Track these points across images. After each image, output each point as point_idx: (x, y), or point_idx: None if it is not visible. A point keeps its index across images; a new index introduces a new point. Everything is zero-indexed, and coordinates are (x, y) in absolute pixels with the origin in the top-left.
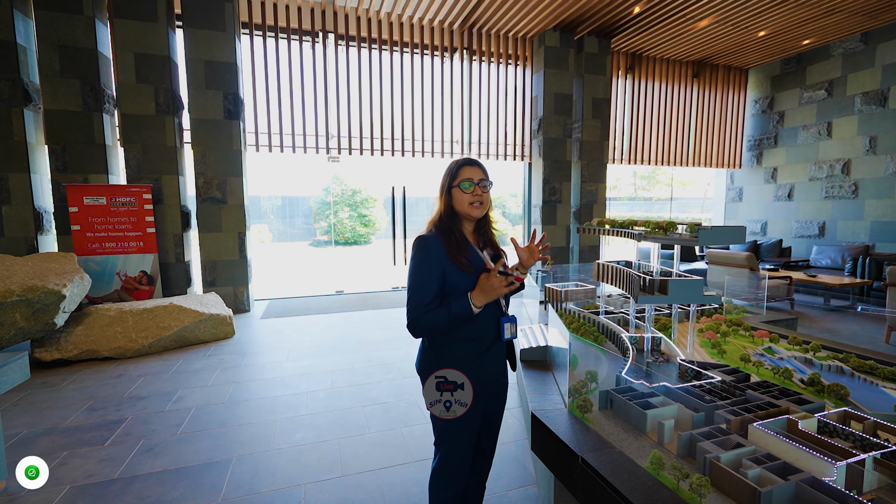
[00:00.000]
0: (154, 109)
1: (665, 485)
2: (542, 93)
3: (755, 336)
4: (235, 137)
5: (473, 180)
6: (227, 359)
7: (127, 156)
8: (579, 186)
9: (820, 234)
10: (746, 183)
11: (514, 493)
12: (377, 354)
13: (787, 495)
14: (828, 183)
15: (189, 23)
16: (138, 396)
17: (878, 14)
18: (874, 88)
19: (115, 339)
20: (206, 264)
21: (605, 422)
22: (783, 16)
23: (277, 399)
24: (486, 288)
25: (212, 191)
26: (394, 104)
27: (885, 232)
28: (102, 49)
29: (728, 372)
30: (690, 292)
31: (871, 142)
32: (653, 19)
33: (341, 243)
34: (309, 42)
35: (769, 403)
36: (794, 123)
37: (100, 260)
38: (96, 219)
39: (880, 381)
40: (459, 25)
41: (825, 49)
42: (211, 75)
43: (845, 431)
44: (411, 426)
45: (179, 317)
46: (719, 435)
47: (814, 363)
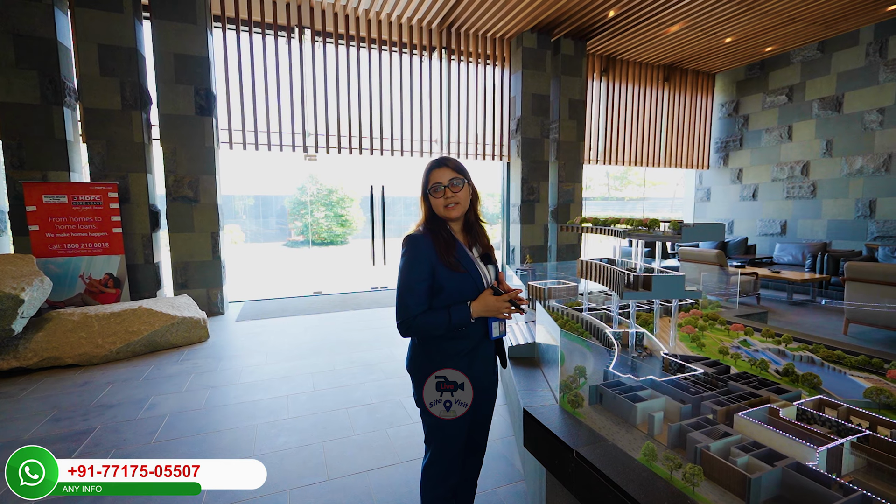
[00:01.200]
0: (120, 104)
1: (659, 475)
2: (521, 93)
3: (731, 329)
4: (208, 134)
5: (443, 183)
6: (202, 363)
7: (90, 152)
8: (556, 186)
9: (782, 232)
10: (714, 183)
11: (502, 490)
12: (359, 355)
13: (774, 480)
14: (789, 184)
15: (157, 14)
16: (107, 405)
17: (834, 24)
18: (830, 94)
19: (79, 345)
20: (177, 266)
21: (595, 416)
22: (748, 23)
23: (257, 403)
24: (489, 306)
25: (183, 189)
26: (372, 103)
27: (841, 230)
28: (62, 39)
29: (709, 364)
30: (673, 288)
31: (827, 145)
32: (626, 23)
33: (318, 243)
34: (285, 37)
35: (751, 393)
36: (758, 126)
37: (61, 262)
38: (57, 218)
39: (847, 370)
40: (438, 25)
41: (786, 56)
42: (181, 69)
43: (822, 418)
44: (397, 427)
45: (150, 320)
46: (707, 425)
47: (786, 354)
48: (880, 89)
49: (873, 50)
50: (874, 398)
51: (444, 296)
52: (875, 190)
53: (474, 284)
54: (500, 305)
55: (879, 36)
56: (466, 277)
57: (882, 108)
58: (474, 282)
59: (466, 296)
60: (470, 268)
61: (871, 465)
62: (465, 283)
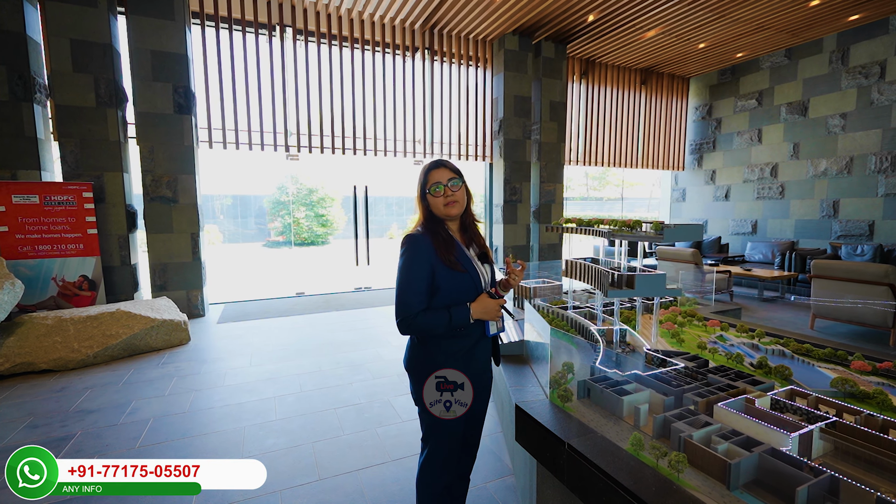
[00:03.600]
0: (94, 101)
1: (646, 464)
2: (503, 95)
3: (708, 325)
4: (187, 133)
5: (442, 182)
6: (184, 366)
7: (63, 151)
8: (538, 186)
9: (753, 231)
10: (689, 184)
11: (492, 485)
12: (345, 356)
13: (752, 465)
14: (759, 185)
15: (133, 9)
16: (86, 410)
17: (800, 32)
18: (797, 99)
19: (54, 350)
20: (155, 267)
21: (584, 409)
22: (720, 30)
23: (244, 406)
24: (488, 308)
25: (161, 189)
26: (355, 103)
27: (807, 229)
28: (32, 33)
29: (689, 359)
30: (655, 286)
31: (794, 148)
32: (605, 28)
33: (299, 244)
34: (266, 35)
35: (728, 385)
36: (730, 129)
37: (32, 264)
38: (28, 219)
39: (816, 362)
40: (421, 25)
41: (756, 62)
42: (159, 66)
43: (794, 407)
44: (386, 426)
45: (128, 323)
46: (689, 415)
47: (760, 348)
48: (842, 95)
49: (836, 58)
50: (840, 388)
51: (443, 295)
52: (838, 191)
53: (473, 284)
54: (496, 307)
55: (842, 44)
56: (466, 277)
57: (844, 113)
58: (473, 281)
59: (465, 295)
60: (469, 267)
61: (838, 449)
62: (465, 282)
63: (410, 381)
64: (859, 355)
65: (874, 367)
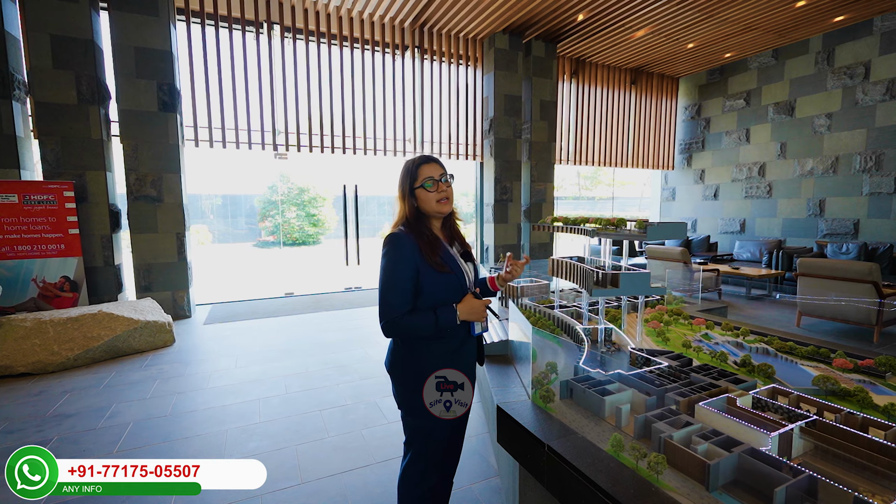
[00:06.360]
0: (76, 98)
1: (626, 465)
2: (493, 94)
3: (693, 324)
4: (172, 131)
5: (435, 177)
6: (167, 368)
7: (43, 149)
8: (529, 186)
9: (741, 230)
10: (679, 183)
11: (477, 486)
12: (333, 357)
13: (731, 465)
14: (747, 184)
15: (116, 5)
16: (64, 414)
17: (786, 33)
18: (784, 99)
19: (32, 353)
20: (140, 268)
21: (566, 410)
22: (708, 30)
23: (227, 408)
24: (474, 309)
25: (146, 188)
26: (344, 101)
27: (794, 228)
28: (10, 29)
29: (673, 358)
30: (639, 284)
31: (781, 147)
32: (595, 27)
33: (289, 244)
34: (253, 32)
35: (711, 384)
36: (719, 129)
37: (11, 265)
38: (6, 219)
39: (798, 360)
40: (411, 24)
41: (744, 62)
42: (143, 63)
43: (775, 405)
44: (371, 427)
45: (111, 325)
46: (670, 415)
47: (744, 346)
48: (828, 95)
49: (822, 58)
50: (821, 385)
51: (428, 296)
52: (824, 190)
53: (459, 284)
54: (485, 310)
55: (827, 45)
56: (452, 278)
57: (830, 113)
58: (459, 282)
59: (451, 296)
60: (455, 267)
61: (817, 448)
62: (451, 283)
63: (393, 383)
64: (841, 353)
65: (856, 364)
